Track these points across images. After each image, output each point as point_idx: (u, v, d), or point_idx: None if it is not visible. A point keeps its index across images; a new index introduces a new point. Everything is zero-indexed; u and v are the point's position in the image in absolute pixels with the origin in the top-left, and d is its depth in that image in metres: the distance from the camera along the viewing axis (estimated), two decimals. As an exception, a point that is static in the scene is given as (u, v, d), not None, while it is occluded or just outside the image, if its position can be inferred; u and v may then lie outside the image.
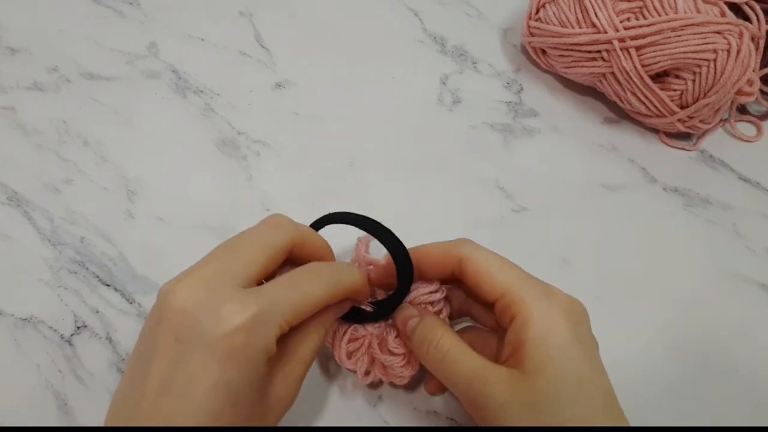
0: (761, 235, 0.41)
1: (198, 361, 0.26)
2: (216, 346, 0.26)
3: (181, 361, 0.26)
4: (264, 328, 0.27)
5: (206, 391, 0.26)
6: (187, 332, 0.26)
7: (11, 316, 0.38)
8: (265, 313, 0.27)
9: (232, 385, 0.26)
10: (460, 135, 0.45)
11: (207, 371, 0.26)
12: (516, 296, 0.29)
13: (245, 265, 0.28)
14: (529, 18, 0.45)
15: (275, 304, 0.27)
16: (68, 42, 0.48)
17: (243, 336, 0.26)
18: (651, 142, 0.45)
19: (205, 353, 0.26)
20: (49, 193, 0.42)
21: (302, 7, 0.51)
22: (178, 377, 0.26)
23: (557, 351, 0.28)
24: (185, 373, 0.26)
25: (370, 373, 0.34)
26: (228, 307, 0.26)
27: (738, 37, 0.39)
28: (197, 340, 0.26)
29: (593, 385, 0.28)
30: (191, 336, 0.26)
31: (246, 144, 0.44)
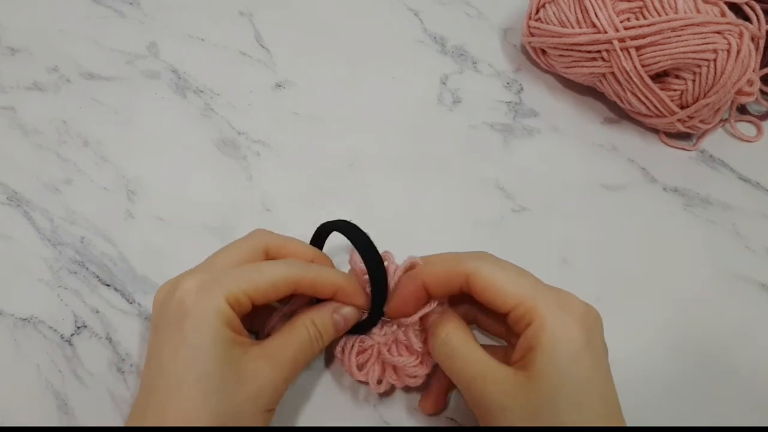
0: (761, 235, 0.41)
1: (164, 335, 0.29)
2: (173, 314, 0.29)
3: (155, 342, 0.30)
4: (212, 289, 0.29)
5: (171, 354, 0.28)
6: (159, 319, 0.30)
7: (11, 316, 0.38)
8: (213, 278, 0.30)
9: (189, 341, 0.28)
10: (460, 135, 0.45)
11: (168, 338, 0.29)
12: (531, 305, 0.29)
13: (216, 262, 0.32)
14: (529, 18, 0.45)
15: (226, 274, 0.30)
16: (68, 42, 0.48)
17: (192, 296, 0.29)
18: (651, 142, 0.45)
19: (168, 325, 0.29)
20: (49, 193, 0.42)
21: (302, 7, 0.51)
22: (153, 356, 0.30)
23: (566, 358, 0.28)
24: (156, 349, 0.29)
25: (383, 381, 0.34)
26: (181, 282, 0.30)
27: (738, 37, 0.39)
28: (163, 319, 0.30)
29: (595, 393, 0.28)
30: (161, 320, 0.30)
31: (246, 144, 0.44)
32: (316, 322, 0.32)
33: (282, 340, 0.31)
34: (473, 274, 0.30)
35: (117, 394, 0.36)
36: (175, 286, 0.30)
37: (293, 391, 0.36)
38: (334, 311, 0.32)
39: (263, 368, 0.29)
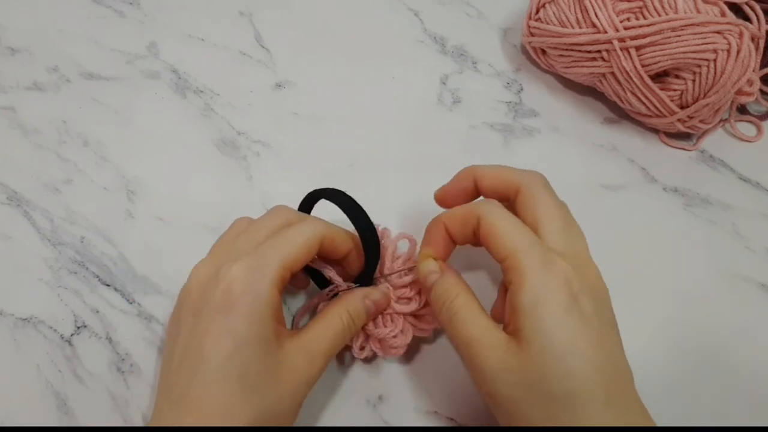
0: (761, 235, 0.41)
1: (207, 322, 0.29)
2: (218, 302, 0.29)
3: (195, 329, 0.29)
4: (260, 277, 0.29)
5: (214, 342, 0.28)
6: (200, 304, 0.29)
7: (11, 316, 0.38)
8: (256, 262, 0.29)
9: (236, 332, 0.28)
10: (460, 135, 0.45)
11: (213, 326, 0.28)
12: (515, 261, 0.29)
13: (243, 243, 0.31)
14: (529, 18, 0.45)
15: (265, 254, 0.30)
16: (68, 42, 0.48)
17: (239, 285, 0.29)
18: (651, 142, 0.45)
19: (212, 313, 0.29)
20: (49, 193, 0.42)
21: (302, 7, 0.51)
22: (193, 342, 0.29)
23: (547, 322, 0.27)
24: (197, 336, 0.29)
25: (365, 347, 0.35)
26: (223, 269, 0.29)
27: (738, 37, 0.39)
28: (206, 306, 0.29)
29: (584, 361, 0.27)
30: (202, 305, 0.29)
31: (246, 144, 0.44)
32: (350, 310, 0.32)
33: (317, 332, 0.31)
34: (482, 218, 0.30)
35: (117, 394, 0.36)
36: (219, 272, 0.29)
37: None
38: (365, 297, 0.33)
39: (301, 363, 0.30)
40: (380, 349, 0.35)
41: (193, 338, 0.29)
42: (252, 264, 0.29)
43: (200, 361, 0.28)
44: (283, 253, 0.30)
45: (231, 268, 0.29)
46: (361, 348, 0.35)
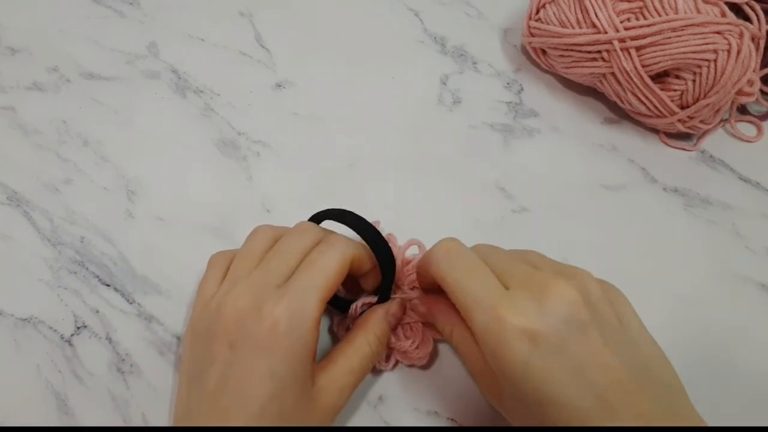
0: (761, 235, 0.41)
1: (248, 359, 0.29)
2: (261, 341, 0.29)
3: (235, 363, 0.29)
4: (301, 316, 0.29)
5: (256, 383, 0.28)
6: (239, 337, 0.29)
7: (11, 316, 0.38)
8: (296, 301, 0.29)
9: (278, 375, 0.28)
10: (460, 135, 0.45)
11: (256, 365, 0.28)
12: (471, 321, 0.29)
13: (278, 268, 0.31)
14: (529, 18, 0.45)
15: (303, 291, 0.30)
16: (68, 42, 0.48)
17: (283, 326, 0.29)
18: (651, 142, 0.45)
19: (253, 350, 0.29)
20: (49, 193, 0.42)
21: (302, 7, 0.51)
22: (233, 376, 0.29)
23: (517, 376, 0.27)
24: (238, 371, 0.29)
25: (390, 358, 0.36)
26: (267, 305, 0.29)
27: (738, 38, 0.39)
28: (246, 341, 0.29)
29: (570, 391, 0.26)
30: (241, 339, 0.29)
31: (246, 144, 0.44)
32: (377, 334, 0.33)
33: (346, 365, 0.32)
34: (440, 280, 0.31)
35: (117, 394, 0.36)
36: (262, 308, 0.29)
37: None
38: (386, 314, 0.34)
39: (331, 398, 0.31)
40: (404, 359, 0.36)
41: (232, 372, 0.29)
42: (295, 305, 0.29)
43: (241, 400, 0.28)
44: (322, 287, 0.30)
45: (275, 307, 0.29)
46: (387, 360, 0.36)
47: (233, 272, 0.32)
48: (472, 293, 0.29)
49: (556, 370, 0.26)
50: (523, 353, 0.27)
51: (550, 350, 0.27)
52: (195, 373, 0.30)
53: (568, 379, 0.26)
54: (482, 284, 0.29)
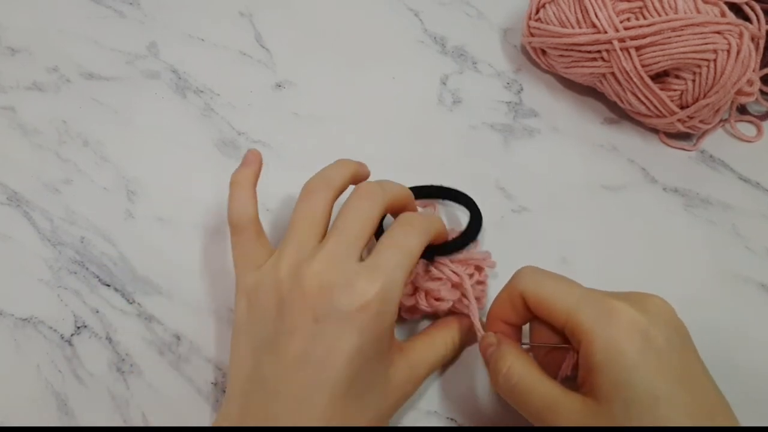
0: (761, 235, 0.41)
1: (336, 334, 0.28)
2: (353, 319, 0.28)
3: (319, 336, 0.28)
4: (390, 297, 0.29)
5: (346, 359, 0.28)
6: (325, 310, 0.28)
7: (11, 316, 0.38)
8: (389, 282, 0.29)
9: (366, 354, 0.28)
10: (460, 135, 0.45)
11: (345, 341, 0.28)
12: (576, 322, 0.28)
13: (357, 239, 0.30)
14: (529, 18, 0.45)
15: (393, 271, 0.29)
16: (68, 42, 0.48)
17: (375, 306, 0.28)
18: (651, 142, 0.45)
19: (342, 326, 0.28)
20: (49, 193, 0.42)
21: (302, 7, 0.51)
22: (318, 350, 0.28)
23: (626, 374, 0.26)
24: (324, 345, 0.28)
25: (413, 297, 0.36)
26: (360, 283, 0.29)
27: (738, 37, 0.39)
28: (334, 316, 0.28)
29: (670, 404, 0.26)
30: (329, 313, 0.28)
31: (246, 144, 0.44)
32: (456, 340, 0.34)
33: (423, 355, 0.33)
34: (525, 293, 0.30)
35: (117, 394, 0.36)
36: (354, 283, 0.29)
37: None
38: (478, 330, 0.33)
39: (405, 384, 0.31)
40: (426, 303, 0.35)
41: (317, 346, 0.28)
42: (387, 286, 0.29)
43: (326, 374, 0.28)
44: (407, 268, 0.30)
45: (369, 286, 0.29)
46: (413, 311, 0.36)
47: (298, 237, 0.31)
48: (576, 293, 0.29)
49: (667, 369, 0.27)
50: (638, 346, 0.27)
51: (659, 350, 0.27)
52: (266, 342, 0.29)
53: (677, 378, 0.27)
54: (582, 288, 0.30)
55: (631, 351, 0.27)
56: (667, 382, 0.26)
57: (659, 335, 0.27)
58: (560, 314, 0.29)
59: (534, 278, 0.31)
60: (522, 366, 0.29)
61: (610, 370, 0.26)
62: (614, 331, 0.27)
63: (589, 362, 0.27)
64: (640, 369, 0.26)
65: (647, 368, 0.26)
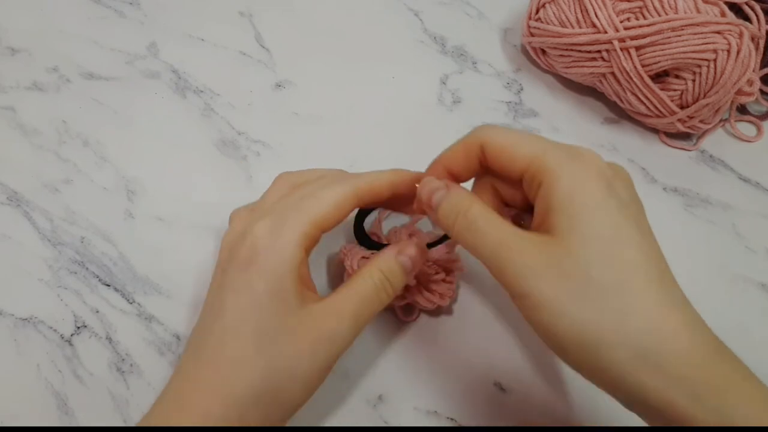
0: (761, 235, 0.41)
1: (231, 277, 0.29)
2: (243, 259, 0.29)
3: (219, 284, 0.30)
4: (281, 232, 0.29)
5: (233, 297, 0.29)
6: (227, 260, 0.30)
7: (11, 316, 0.38)
8: (281, 220, 0.29)
9: (255, 289, 0.28)
10: (460, 135, 0.45)
11: (234, 281, 0.29)
12: (541, 162, 0.27)
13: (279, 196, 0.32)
14: (529, 18, 0.45)
15: (291, 212, 0.30)
16: (68, 42, 0.48)
17: (262, 242, 0.29)
18: (651, 142, 0.45)
19: (237, 269, 0.29)
20: (49, 193, 0.42)
21: (302, 7, 0.51)
22: (216, 297, 0.30)
23: (587, 209, 0.26)
24: (220, 291, 0.30)
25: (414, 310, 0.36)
26: (249, 225, 0.30)
27: (738, 37, 0.39)
28: (232, 262, 0.30)
29: (631, 246, 0.26)
30: (229, 261, 0.30)
31: (246, 144, 0.44)
32: (383, 269, 0.31)
33: (345, 293, 0.30)
34: (485, 141, 0.29)
35: (117, 394, 0.36)
36: (245, 230, 0.30)
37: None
38: (398, 253, 0.31)
39: (323, 320, 0.29)
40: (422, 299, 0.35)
41: (216, 293, 0.30)
42: (277, 221, 0.29)
43: (219, 315, 0.29)
44: (310, 211, 0.30)
45: (255, 225, 0.29)
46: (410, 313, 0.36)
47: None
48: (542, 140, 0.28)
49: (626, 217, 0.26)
50: (603, 191, 0.26)
51: (621, 200, 0.27)
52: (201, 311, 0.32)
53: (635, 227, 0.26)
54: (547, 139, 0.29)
55: (595, 192, 0.26)
56: (626, 227, 0.26)
57: (622, 189, 0.27)
58: (523, 158, 0.28)
59: (498, 128, 0.30)
60: (480, 207, 0.28)
61: (571, 205, 0.26)
62: (581, 173, 0.27)
63: (550, 202, 0.26)
64: (601, 209, 0.26)
65: (608, 210, 0.26)
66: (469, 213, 0.28)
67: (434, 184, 0.30)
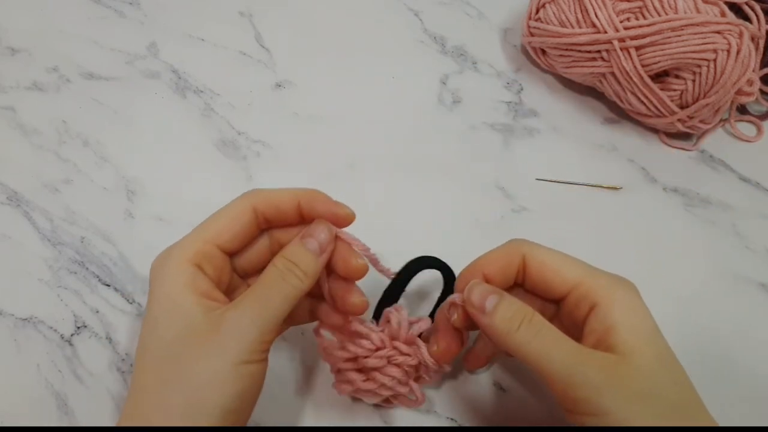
0: (761, 235, 0.41)
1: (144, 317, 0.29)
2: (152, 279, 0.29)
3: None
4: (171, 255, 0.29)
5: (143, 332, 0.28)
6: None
7: (11, 316, 0.38)
8: (172, 249, 0.30)
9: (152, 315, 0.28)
10: (460, 135, 0.45)
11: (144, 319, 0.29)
12: (593, 284, 0.29)
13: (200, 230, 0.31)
14: (529, 18, 0.45)
15: (184, 239, 0.30)
16: (68, 42, 0.48)
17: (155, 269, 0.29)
18: (651, 142, 0.45)
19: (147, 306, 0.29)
20: (49, 193, 0.42)
21: (302, 7, 0.51)
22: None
23: (649, 334, 0.28)
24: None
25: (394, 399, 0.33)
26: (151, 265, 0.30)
27: (738, 37, 0.39)
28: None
29: (681, 371, 0.28)
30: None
31: (246, 144, 0.44)
32: (286, 255, 0.29)
33: (248, 289, 0.29)
34: (529, 256, 0.30)
35: (117, 394, 0.36)
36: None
37: (293, 391, 0.36)
38: (301, 238, 0.30)
39: (225, 318, 0.28)
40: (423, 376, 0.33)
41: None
42: (166, 252, 0.30)
43: (140, 349, 0.28)
44: (201, 231, 0.30)
45: (153, 263, 0.30)
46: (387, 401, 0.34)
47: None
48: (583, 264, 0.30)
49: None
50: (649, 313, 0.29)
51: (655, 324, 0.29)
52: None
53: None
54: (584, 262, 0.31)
55: (649, 317, 0.28)
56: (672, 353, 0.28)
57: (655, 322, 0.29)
58: (570, 278, 0.29)
59: (538, 246, 0.31)
60: (542, 318, 0.28)
61: (634, 328, 0.28)
62: (632, 296, 0.29)
63: (609, 321, 0.28)
64: (657, 333, 0.28)
65: (661, 335, 0.28)
66: (535, 321, 0.28)
67: (485, 287, 0.30)
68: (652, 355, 0.27)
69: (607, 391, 0.26)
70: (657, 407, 0.26)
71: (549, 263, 0.30)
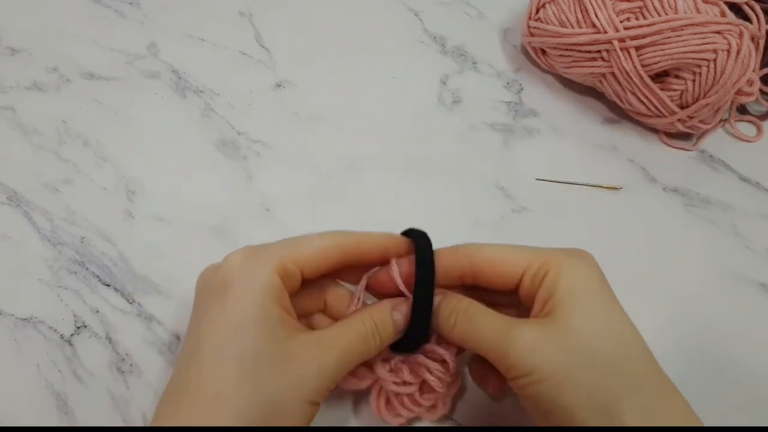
0: (761, 235, 0.41)
1: (204, 308, 0.28)
2: (216, 289, 0.28)
3: (194, 316, 0.29)
4: (259, 259, 0.28)
5: (207, 330, 0.27)
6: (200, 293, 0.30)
7: (11, 316, 0.38)
8: (260, 248, 0.29)
9: (231, 315, 0.27)
10: (460, 135, 0.45)
11: (209, 309, 0.28)
12: (543, 259, 0.29)
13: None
14: (529, 18, 0.45)
15: (274, 244, 0.30)
16: (68, 42, 0.48)
17: (237, 268, 0.28)
18: (651, 142, 0.45)
19: (209, 300, 0.28)
20: (48, 193, 0.42)
21: (302, 7, 0.51)
22: (192, 330, 0.29)
23: (588, 296, 0.28)
24: (195, 322, 0.29)
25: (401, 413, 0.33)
26: (228, 257, 0.29)
27: (738, 37, 0.39)
28: (206, 294, 0.29)
29: (624, 327, 0.28)
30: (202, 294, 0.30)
31: (246, 144, 0.44)
32: (375, 318, 0.30)
33: (336, 331, 0.29)
34: (475, 254, 0.31)
35: (117, 394, 0.36)
36: (221, 262, 0.29)
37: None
38: (393, 308, 0.31)
39: (311, 352, 0.27)
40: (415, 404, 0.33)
41: (192, 330, 0.29)
42: (253, 252, 0.29)
43: (196, 350, 0.27)
44: (290, 245, 0.29)
45: (233, 255, 0.29)
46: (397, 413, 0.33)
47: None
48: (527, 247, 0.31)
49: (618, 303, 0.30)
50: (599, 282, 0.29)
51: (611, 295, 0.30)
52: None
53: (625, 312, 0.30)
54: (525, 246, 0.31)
55: (594, 281, 0.29)
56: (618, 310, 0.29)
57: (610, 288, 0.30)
58: (518, 264, 0.30)
59: (482, 244, 0.31)
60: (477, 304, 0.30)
61: (573, 292, 0.28)
62: (582, 263, 0.30)
63: (553, 289, 0.28)
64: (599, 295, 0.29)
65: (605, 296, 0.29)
66: (468, 310, 0.30)
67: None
68: (589, 315, 0.28)
69: (537, 349, 0.27)
70: (590, 362, 0.27)
71: (495, 256, 0.30)
